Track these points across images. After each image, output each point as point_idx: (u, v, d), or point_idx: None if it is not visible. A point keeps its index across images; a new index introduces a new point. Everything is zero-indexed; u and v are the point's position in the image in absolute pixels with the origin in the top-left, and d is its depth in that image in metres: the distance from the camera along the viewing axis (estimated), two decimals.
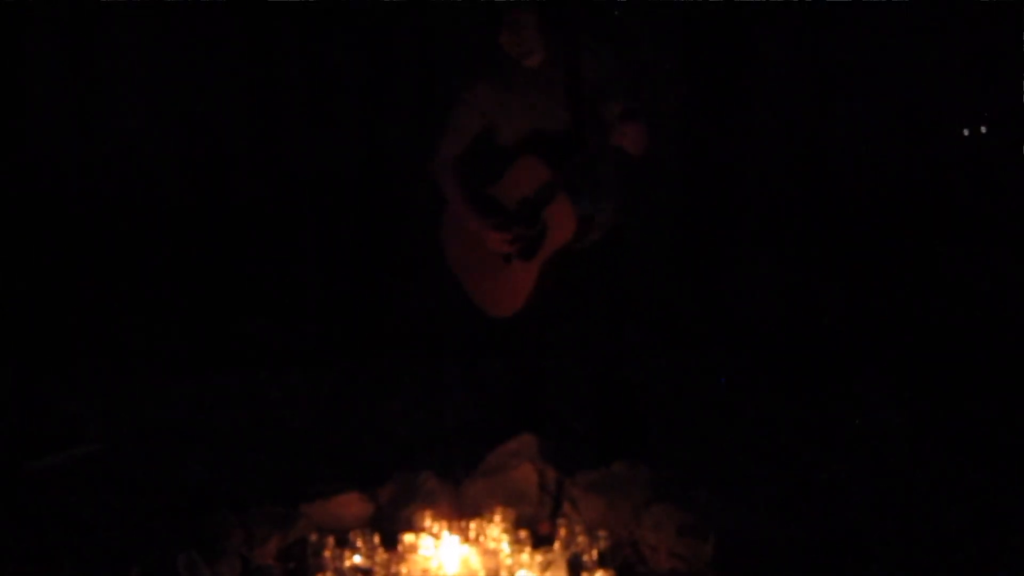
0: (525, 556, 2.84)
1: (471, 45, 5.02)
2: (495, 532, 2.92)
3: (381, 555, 2.87)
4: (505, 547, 2.88)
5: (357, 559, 2.85)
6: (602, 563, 2.83)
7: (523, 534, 2.90)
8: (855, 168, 5.39)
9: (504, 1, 3.24)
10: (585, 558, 2.82)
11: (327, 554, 2.85)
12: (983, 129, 5.20)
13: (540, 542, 2.95)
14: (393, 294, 5.52)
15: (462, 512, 3.09)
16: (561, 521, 2.99)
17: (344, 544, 2.88)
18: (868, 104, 5.34)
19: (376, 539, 2.89)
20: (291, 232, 5.53)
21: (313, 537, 2.92)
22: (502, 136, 3.45)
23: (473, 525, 2.95)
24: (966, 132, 5.25)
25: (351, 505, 3.15)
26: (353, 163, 5.47)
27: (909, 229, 5.39)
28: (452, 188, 3.54)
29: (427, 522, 2.96)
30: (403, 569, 2.85)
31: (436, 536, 2.92)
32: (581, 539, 2.86)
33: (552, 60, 3.34)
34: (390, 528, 3.02)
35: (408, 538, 2.90)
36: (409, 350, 5.31)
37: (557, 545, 2.88)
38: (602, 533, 2.90)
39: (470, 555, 2.87)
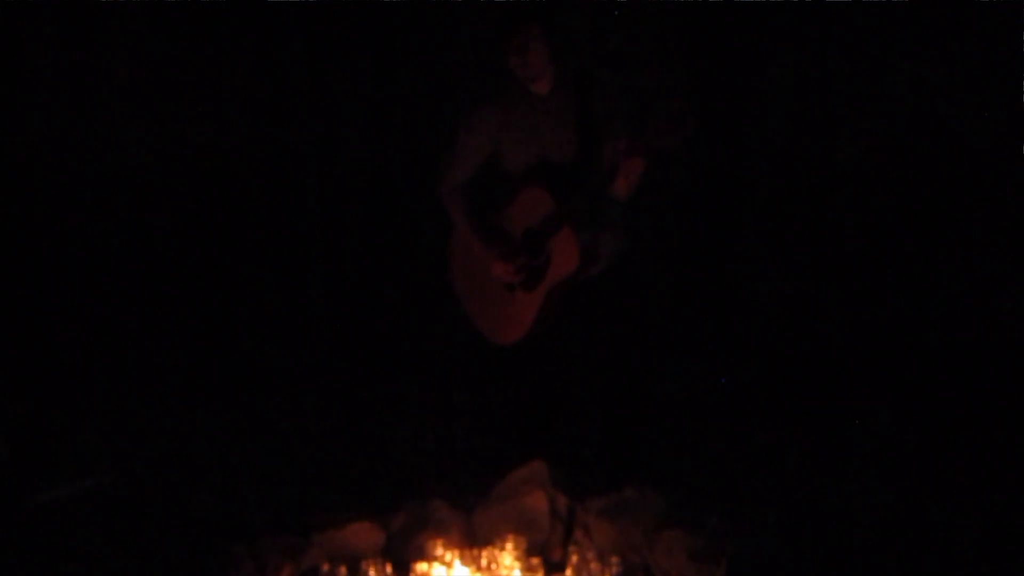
0: None
1: (479, 68, 5.03)
2: (507, 560, 2.91)
3: None
4: (517, 575, 2.87)
5: None
6: None
7: (535, 561, 2.90)
8: (862, 185, 5.36)
9: (513, 23, 3.26)
10: None
11: None
12: (983, 131, 5.14)
13: (552, 569, 2.94)
14: (402, 320, 5.51)
15: (474, 540, 3.08)
16: (573, 548, 2.97)
17: (356, 573, 2.87)
18: (874, 118, 5.29)
19: (388, 568, 2.89)
20: (299, 258, 5.53)
21: (325, 567, 2.91)
22: (509, 162, 3.45)
23: (485, 553, 2.94)
24: (967, 135, 5.18)
25: (363, 534, 3.13)
26: (361, 188, 5.48)
27: (916, 244, 5.35)
28: (459, 214, 3.55)
29: (439, 550, 2.95)
30: None
31: (448, 564, 2.91)
32: (593, 565, 2.85)
33: (561, 86, 3.35)
34: (402, 557, 3.01)
35: (420, 567, 2.90)
36: (418, 376, 5.31)
37: (569, 572, 2.88)
38: (614, 559, 2.89)
39: None
